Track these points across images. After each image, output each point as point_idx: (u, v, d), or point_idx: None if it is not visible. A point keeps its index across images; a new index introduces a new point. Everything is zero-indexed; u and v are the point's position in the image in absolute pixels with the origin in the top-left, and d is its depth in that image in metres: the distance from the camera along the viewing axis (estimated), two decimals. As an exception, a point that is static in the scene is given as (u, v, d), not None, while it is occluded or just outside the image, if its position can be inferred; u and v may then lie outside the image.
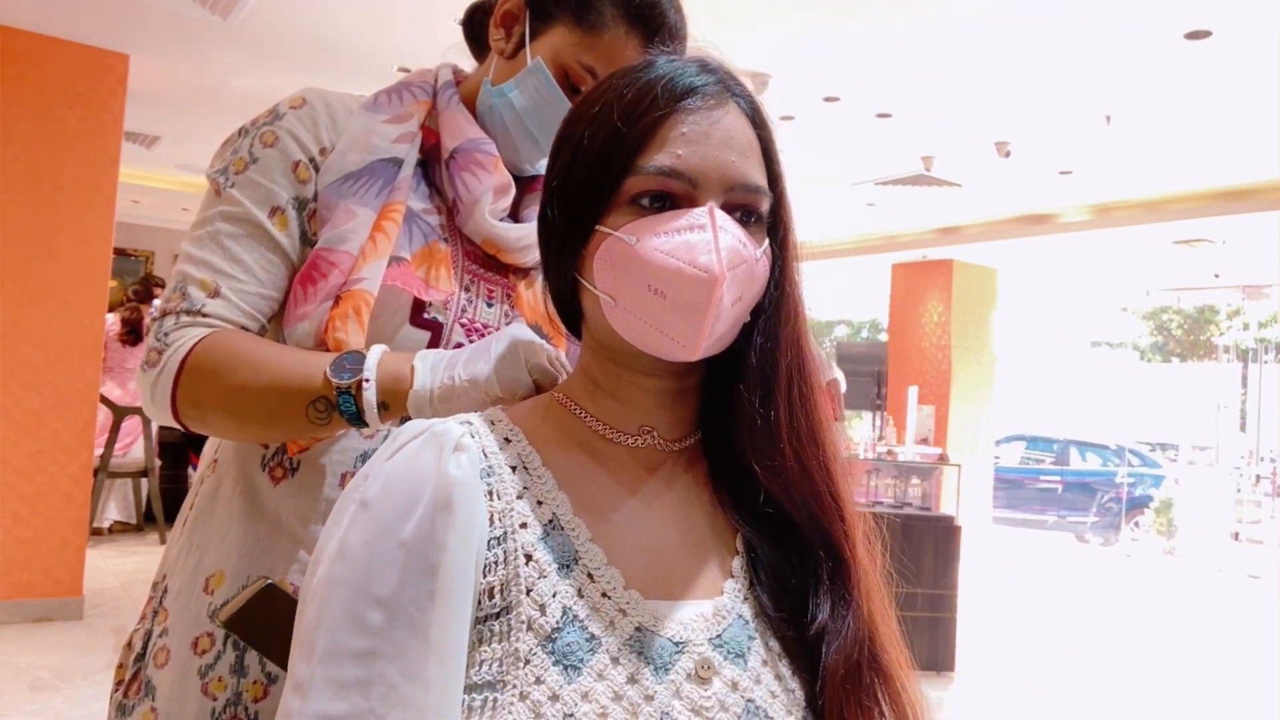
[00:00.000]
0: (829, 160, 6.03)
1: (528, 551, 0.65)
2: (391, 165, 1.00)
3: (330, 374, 0.85)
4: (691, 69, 0.69)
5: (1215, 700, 4.72)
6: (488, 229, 1.02)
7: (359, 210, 0.97)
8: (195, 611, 0.96)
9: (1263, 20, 3.74)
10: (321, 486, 0.97)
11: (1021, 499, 11.50)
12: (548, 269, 0.74)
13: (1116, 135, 5.22)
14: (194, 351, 0.90)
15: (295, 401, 0.87)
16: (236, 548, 0.96)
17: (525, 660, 0.61)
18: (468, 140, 1.03)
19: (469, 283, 1.04)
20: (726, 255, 0.64)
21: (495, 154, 1.04)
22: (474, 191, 1.02)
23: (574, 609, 0.63)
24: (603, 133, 0.68)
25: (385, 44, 4.44)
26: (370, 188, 0.98)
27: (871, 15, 3.92)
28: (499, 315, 1.05)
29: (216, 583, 0.96)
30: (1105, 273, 9.66)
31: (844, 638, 0.68)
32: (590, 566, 0.65)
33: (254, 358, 0.89)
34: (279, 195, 0.97)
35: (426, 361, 0.85)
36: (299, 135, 0.99)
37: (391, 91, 1.06)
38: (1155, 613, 6.95)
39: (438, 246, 1.02)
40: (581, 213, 0.68)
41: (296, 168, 0.98)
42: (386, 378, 0.85)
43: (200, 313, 0.94)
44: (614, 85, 0.70)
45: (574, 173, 0.69)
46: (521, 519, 0.66)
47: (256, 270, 0.97)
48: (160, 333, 0.93)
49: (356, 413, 0.85)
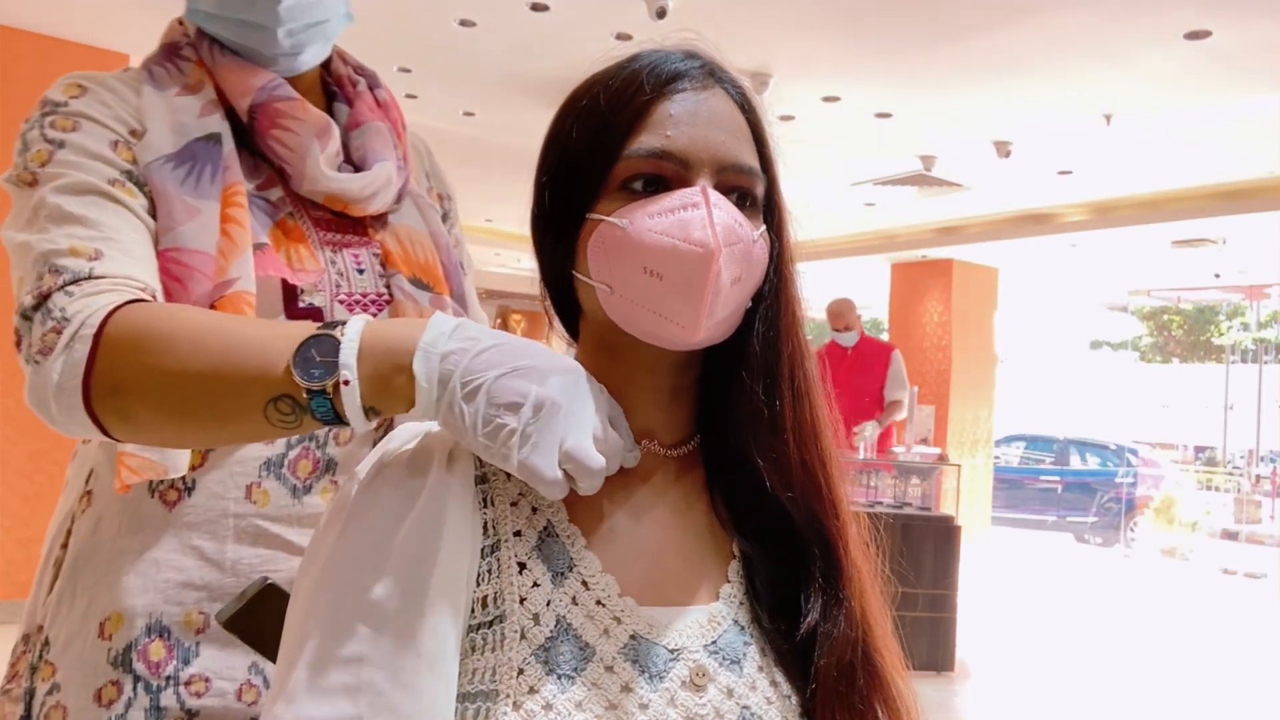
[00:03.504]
0: (829, 160, 6.03)
1: (521, 560, 0.64)
2: (211, 144, 0.90)
3: (296, 371, 0.64)
4: (677, 56, 0.69)
5: (1215, 700, 4.72)
6: (326, 184, 0.94)
7: (200, 204, 0.86)
8: (93, 661, 0.85)
9: (1263, 20, 3.73)
10: (225, 502, 0.88)
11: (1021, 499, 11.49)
12: (543, 267, 0.73)
13: (1116, 135, 5.22)
14: (111, 322, 0.70)
15: (249, 396, 0.65)
16: (135, 586, 0.85)
17: (519, 670, 0.60)
18: (256, 91, 0.92)
19: (331, 255, 0.96)
20: (722, 231, 0.63)
21: (293, 95, 0.93)
22: (295, 149, 0.92)
23: (568, 618, 0.63)
24: (590, 122, 0.67)
25: (386, 44, 4.44)
26: (201, 175, 0.87)
27: (872, 15, 3.91)
28: (373, 279, 0.97)
29: (114, 626, 0.85)
30: (1105, 273, 9.66)
31: (836, 639, 0.67)
32: (585, 575, 0.65)
33: (193, 328, 0.68)
34: (111, 168, 0.85)
35: (430, 362, 0.62)
36: (100, 118, 0.87)
37: (163, 61, 0.94)
38: (1155, 613, 6.95)
39: (287, 223, 0.93)
40: (572, 203, 0.67)
41: (116, 146, 0.86)
42: (374, 378, 0.63)
43: (92, 276, 0.76)
44: (600, 78, 0.69)
45: (563, 165, 0.69)
46: (515, 527, 0.66)
47: (128, 237, 0.82)
48: (49, 314, 0.73)
49: (335, 416, 0.64)
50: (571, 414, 0.61)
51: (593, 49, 0.71)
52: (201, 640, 0.87)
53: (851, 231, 8.47)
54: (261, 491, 0.89)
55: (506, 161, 6.10)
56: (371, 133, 1.01)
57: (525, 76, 4.78)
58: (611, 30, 4.10)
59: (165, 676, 0.85)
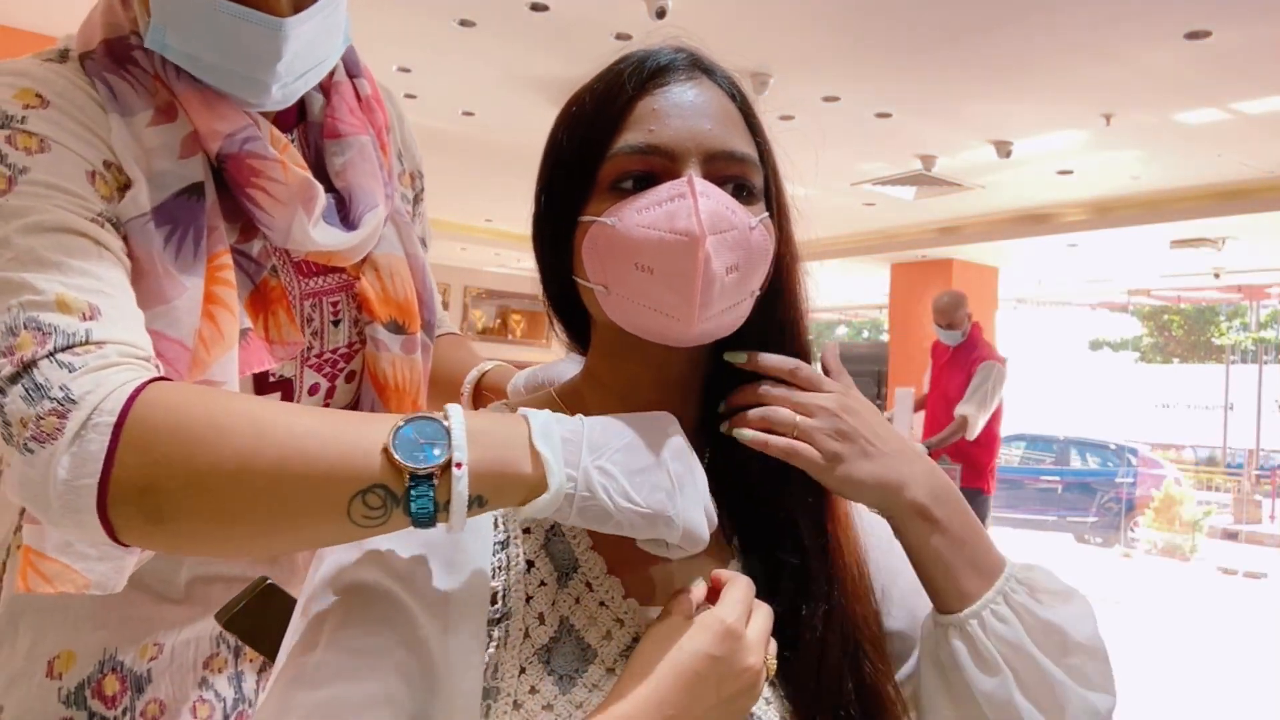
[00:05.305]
0: (829, 160, 6.03)
1: (529, 558, 0.65)
2: (193, 199, 0.76)
3: (396, 450, 0.55)
4: (664, 51, 0.68)
5: (1215, 699, 4.72)
6: (314, 245, 0.83)
7: (187, 282, 0.73)
8: (42, 700, 0.81)
9: (1263, 20, 3.73)
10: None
11: (1021, 499, 11.48)
12: (545, 275, 0.73)
13: (1116, 135, 5.22)
14: (136, 406, 0.58)
15: (332, 489, 0.55)
16: (85, 622, 0.82)
17: (521, 669, 0.60)
18: (224, 139, 0.77)
19: (310, 310, 0.88)
20: (707, 218, 0.61)
21: (269, 153, 0.78)
22: (274, 214, 0.79)
23: (571, 619, 0.63)
24: (578, 126, 0.67)
25: (386, 44, 4.44)
26: (183, 242, 0.74)
27: (872, 15, 3.91)
28: (348, 329, 0.91)
29: (64, 664, 0.82)
30: (1105, 273, 9.66)
31: (828, 643, 0.67)
32: (589, 576, 0.65)
33: (251, 415, 0.58)
34: (89, 203, 0.70)
35: (552, 440, 0.57)
36: (69, 143, 0.72)
37: (116, 69, 0.77)
38: (1155, 612, 6.95)
39: (268, 283, 0.83)
40: (566, 208, 0.67)
41: (94, 178, 0.72)
42: (488, 461, 0.56)
43: (90, 341, 0.63)
44: (589, 83, 0.69)
45: (557, 171, 0.68)
46: (525, 523, 0.66)
47: (120, 291, 0.68)
48: (42, 391, 0.60)
49: (432, 511, 0.55)
50: (696, 469, 0.63)
51: (593, 49, 0.71)
52: (153, 667, 0.86)
53: (851, 231, 8.47)
54: None
55: (506, 161, 6.10)
56: (355, 157, 0.88)
57: (525, 76, 4.78)
58: (611, 30, 4.10)
59: (122, 709, 0.84)
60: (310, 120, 0.90)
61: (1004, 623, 0.64)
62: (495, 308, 11.50)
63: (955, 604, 0.65)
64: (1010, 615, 0.64)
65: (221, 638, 0.90)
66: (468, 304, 11.15)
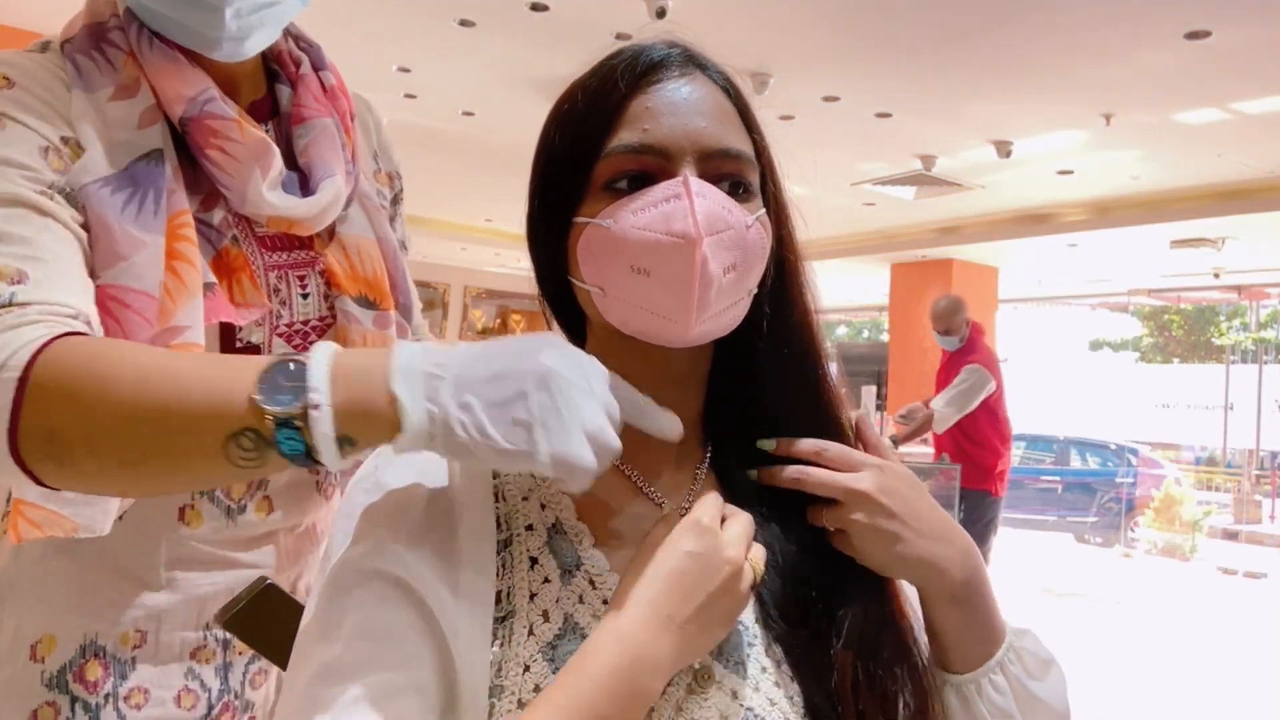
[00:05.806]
0: (829, 160, 6.03)
1: (533, 555, 0.64)
2: (153, 164, 0.80)
3: (260, 396, 0.56)
4: (657, 46, 0.68)
5: (1216, 699, 4.72)
6: (270, 209, 0.86)
7: (145, 237, 0.77)
8: (26, 683, 0.83)
9: (1263, 20, 3.73)
10: (157, 526, 0.86)
11: (1021, 499, 11.47)
12: (541, 276, 0.72)
13: (1116, 135, 5.22)
14: (40, 359, 0.62)
15: (206, 433, 0.58)
16: (66, 606, 0.84)
17: (525, 667, 0.60)
18: (187, 102, 0.82)
19: (276, 280, 0.90)
20: (704, 219, 0.61)
21: (228, 113, 0.83)
22: (233, 173, 0.84)
23: (575, 617, 0.63)
24: (571, 125, 0.66)
25: (386, 44, 4.44)
26: (144, 202, 0.78)
27: (872, 15, 3.91)
28: (317, 301, 0.93)
29: (46, 649, 0.84)
30: (1105, 273, 9.66)
31: (863, 612, 0.67)
32: (592, 573, 0.65)
33: (137, 363, 0.61)
34: (40, 175, 0.75)
35: (412, 381, 0.56)
36: (28, 121, 0.77)
37: (89, 49, 0.83)
38: (1155, 612, 6.95)
39: (230, 251, 0.86)
40: (561, 209, 0.66)
41: (47, 153, 0.76)
42: (348, 402, 0.56)
43: (14, 303, 0.67)
44: (581, 80, 0.68)
45: (550, 171, 0.68)
46: (527, 521, 0.66)
47: (58, 255, 0.73)
48: None
49: (305, 450, 0.56)
50: (578, 386, 0.57)
51: (592, 49, 0.71)
52: (138, 655, 0.86)
53: (851, 231, 8.46)
54: (194, 513, 0.88)
55: (506, 161, 6.10)
56: (318, 135, 0.93)
57: (525, 76, 4.78)
58: (611, 30, 4.10)
59: (104, 694, 0.85)
60: (282, 112, 0.95)
61: (999, 693, 0.67)
62: (495, 308, 11.50)
63: (957, 666, 0.68)
64: (1005, 686, 0.67)
65: (209, 630, 0.90)
66: (468, 304, 11.14)
